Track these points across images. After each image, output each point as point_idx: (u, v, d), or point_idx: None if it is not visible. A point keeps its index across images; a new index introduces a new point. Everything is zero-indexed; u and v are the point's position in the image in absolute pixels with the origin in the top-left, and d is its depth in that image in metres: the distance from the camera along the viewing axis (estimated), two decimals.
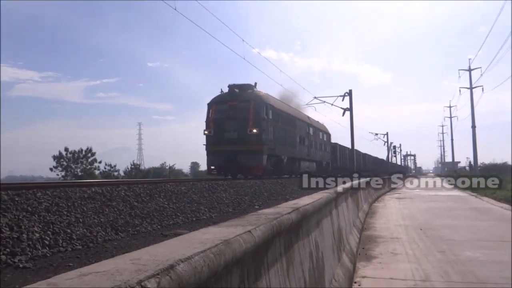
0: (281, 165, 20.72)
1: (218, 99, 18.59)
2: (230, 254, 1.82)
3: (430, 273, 6.44)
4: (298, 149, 23.90)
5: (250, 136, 17.28)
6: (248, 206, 9.43)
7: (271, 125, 18.87)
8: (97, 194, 7.00)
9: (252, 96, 18.35)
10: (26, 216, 5.07)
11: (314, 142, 28.41)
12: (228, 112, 17.85)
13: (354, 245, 7.73)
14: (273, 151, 18.92)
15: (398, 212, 15.24)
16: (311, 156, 27.04)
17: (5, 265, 3.66)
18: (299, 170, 23.61)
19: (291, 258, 3.26)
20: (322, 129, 33.04)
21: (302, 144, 24.68)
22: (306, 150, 25.77)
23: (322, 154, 31.73)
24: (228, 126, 17.59)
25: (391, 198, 21.85)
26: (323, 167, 31.62)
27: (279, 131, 20.38)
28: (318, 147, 30.11)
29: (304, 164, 25.32)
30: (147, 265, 1.30)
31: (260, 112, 18.00)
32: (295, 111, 25.21)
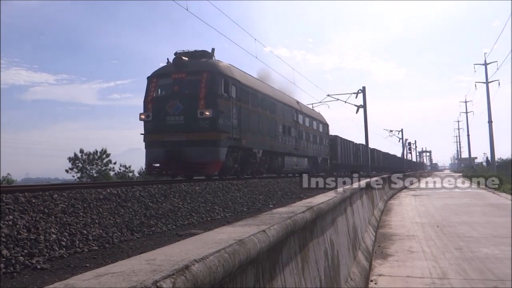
0: (252, 162, 16.27)
1: (160, 72, 14.23)
2: (244, 254, 1.82)
3: (447, 271, 6.36)
4: (281, 141, 19.28)
5: (201, 120, 12.85)
6: (262, 205, 9.43)
7: (234, 106, 14.22)
8: (112, 195, 7.07)
9: (206, 66, 13.76)
10: (43, 218, 5.14)
11: (305, 133, 23.94)
12: (172, 89, 13.52)
13: (369, 243, 7.68)
14: (237, 141, 14.35)
15: (414, 209, 15.09)
16: (300, 151, 22.43)
17: (23, 266, 3.72)
18: (282, 167, 19.87)
19: (306, 257, 3.25)
20: (317, 118, 28.12)
21: (287, 135, 20.14)
22: (293, 143, 21.18)
23: (317, 148, 27.08)
24: (171, 108, 13.15)
25: (406, 195, 21.65)
26: (318, 165, 27.38)
27: (250, 115, 15.69)
28: (311, 140, 25.57)
29: (290, 160, 21.06)
30: (162, 266, 1.30)
31: (217, 87, 13.36)
32: (276, 93, 20.15)
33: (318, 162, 27.61)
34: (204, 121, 12.92)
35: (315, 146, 26.83)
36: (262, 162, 17.51)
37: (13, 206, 5.16)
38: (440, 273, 6.28)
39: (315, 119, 27.36)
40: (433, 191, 23.78)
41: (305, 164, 24.36)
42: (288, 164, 20.82)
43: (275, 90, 20.56)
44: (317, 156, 27.29)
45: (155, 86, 13.96)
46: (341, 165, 35.16)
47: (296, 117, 22.23)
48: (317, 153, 27.17)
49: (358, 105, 29.66)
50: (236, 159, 14.85)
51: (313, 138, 26.43)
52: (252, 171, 16.79)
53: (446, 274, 6.19)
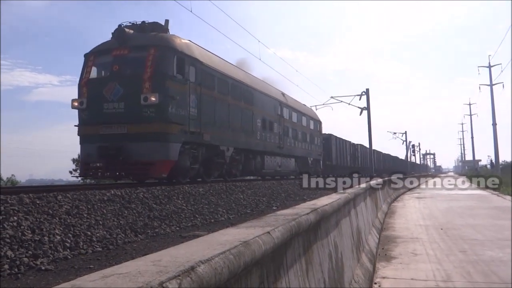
0: (219, 162, 13.66)
1: (100, 48, 11.66)
2: (249, 255, 1.82)
3: (452, 274, 6.34)
4: (260, 138, 16.66)
5: (145, 108, 10.22)
6: (266, 207, 9.45)
7: (193, 92, 11.48)
8: (116, 196, 7.10)
9: (155, 40, 11.08)
10: (47, 219, 5.16)
11: (292, 129, 21.37)
12: (112, 68, 10.86)
13: (373, 246, 7.66)
14: (197, 136, 11.68)
15: (418, 211, 15.04)
16: (286, 149, 20.04)
17: (28, 267, 3.74)
18: (262, 169, 17.55)
19: (310, 259, 3.24)
20: (307, 113, 25.41)
21: (269, 131, 17.68)
22: (277, 140, 18.72)
23: (307, 147, 24.41)
24: (110, 92, 10.49)
25: (410, 198, 21.59)
26: (308, 166, 24.71)
27: (216, 105, 12.98)
28: (299, 137, 22.91)
29: (272, 160, 18.64)
30: (168, 267, 1.30)
31: (167, 66, 10.67)
32: (254, 81, 17.31)
33: (308, 163, 25.01)
34: (149, 108, 10.27)
35: (305, 145, 24.19)
36: (235, 163, 14.99)
37: (18, 207, 5.18)
38: (444, 275, 6.25)
39: (304, 114, 24.67)
40: (437, 193, 23.72)
41: (292, 165, 22.04)
42: (270, 165, 18.44)
43: (253, 78, 17.54)
44: (307, 156, 24.79)
45: (91, 65, 11.27)
46: (336, 167, 32.53)
47: (280, 110, 19.65)
48: (307, 152, 24.60)
49: (362, 107, 29.63)
50: (197, 159, 12.18)
51: (302, 135, 23.73)
52: (221, 173, 14.20)
53: (450, 277, 6.17)
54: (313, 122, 26.55)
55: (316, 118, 27.91)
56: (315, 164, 26.56)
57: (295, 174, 22.50)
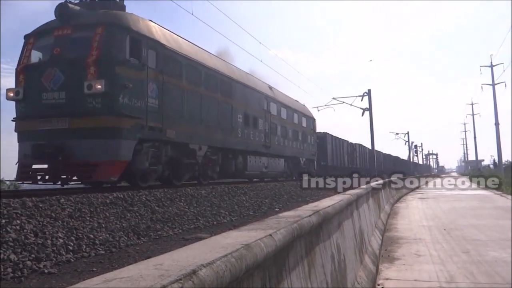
0: (189, 163, 11.93)
1: (41, 28, 9.95)
2: (251, 258, 1.82)
3: (455, 274, 6.32)
4: (242, 135, 15.10)
5: (90, 97, 8.69)
6: (268, 209, 9.46)
7: (153, 81, 9.74)
8: (118, 199, 7.12)
9: (104, 18, 9.38)
10: (50, 222, 5.18)
11: (280, 126, 19.72)
12: (53, 51, 9.14)
13: (376, 247, 7.64)
14: (158, 132, 9.93)
15: (421, 212, 15.01)
16: (273, 149, 18.36)
17: (31, 271, 3.75)
18: (244, 170, 15.88)
19: (313, 261, 3.24)
20: (299, 110, 23.55)
21: (252, 128, 16.16)
22: (262, 138, 17.14)
23: (298, 146, 22.71)
24: (49, 80, 8.88)
25: (413, 198, 21.55)
26: (300, 167, 22.92)
27: (184, 96, 11.16)
28: (290, 136, 21.18)
29: (256, 161, 16.82)
30: (170, 270, 1.31)
31: (117, 48, 9.06)
32: (235, 71, 15.58)
33: (300, 164, 23.14)
34: (94, 99, 8.67)
35: (296, 144, 22.39)
36: (210, 163, 13.26)
37: (21, 211, 5.20)
38: (447, 276, 6.23)
39: (296, 110, 22.89)
40: (440, 194, 23.66)
41: (281, 166, 20.10)
42: (254, 166, 16.60)
43: (233, 68, 15.75)
44: (299, 157, 23.01)
45: (31, 48, 9.60)
46: (332, 168, 30.40)
47: (267, 105, 18.05)
48: (298, 152, 22.85)
49: (364, 108, 29.57)
50: (159, 159, 10.33)
51: (293, 133, 21.93)
52: (193, 175, 12.51)
53: (453, 278, 6.15)
54: (305, 119, 24.66)
55: (309, 115, 26.05)
56: (308, 164, 24.68)
57: (285, 175, 21.07)
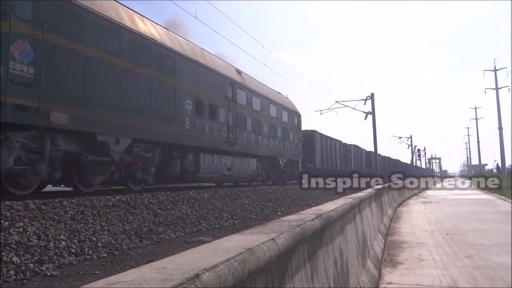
0: (101, 162, 9.06)
1: None
2: (254, 262, 1.82)
3: (458, 279, 6.29)
4: (191, 127, 12.16)
5: None
6: (270, 212, 9.45)
7: (25, 37, 7.12)
8: (121, 202, 7.13)
9: None
10: (53, 225, 5.19)
11: (252, 119, 16.74)
12: None
13: (379, 251, 7.62)
14: (35, 115, 7.21)
15: (423, 216, 14.95)
16: (240, 146, 15.44)
17: (33, 273, 3.75)
18: (196, 172, 12.76)
19: (315, 265, 3.23)
20: (278, 102, 20.23)
21: (209, 119, 13.24)
22: (224, 133, 14.16)
23: (277, 144, 19.45)
24: None
25: (416, 203, 21.49)
26: (279, 169, 20.13)
27: (89, 68, 8.47)
28: (265, 131, 18.03)
29: (214, 161, 13.71)
30: (172, 274, 1.31)
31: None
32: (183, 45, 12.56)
33: (280, 166, 19.99)
34: None
35: (274, 141, 19.16)
36: (139, 162, 10.36)
37: (23, 213, 5.21)
38: (450, 281, 6.20)
39: (274, 102, 19.59)
40: (443, 198, 23.59)
41: (252, 167, 16.86)
42: (211, 167, 13.45)
43: (179, 40, 12.68)
44: (278, 157, 19.78)
45: None
46: (322, 171, 26.40)
47: (232, 92, 15.04)
48: (277, 151, 19.62)
49: (367, 112, 29.51)
50: (42, 155, 7.48)
51: (270, 129, 18.74)
52: (110, 178, 9.71)
53: (456, 283, 6.12)
54: (287, 114, 21.24)
55: (293, 109, 22.58)
56: (290, 167, 21.54)
57: (260, 179, 18.64)
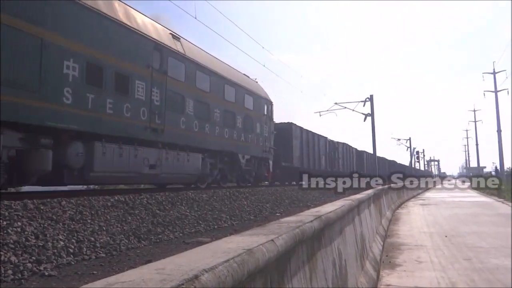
0: None
1: None
2: (253, 263, 1.82)
3: (456, 281, 6.29)
4: (77, 103, 8.83)
5: None
6: (269, 213, 9.44)
7: None
8: (120, 202, 7.12)
9: None
10: (51, 225, 5.18)
11: (194, 101, 13.05)
12: None
13: (377, 253, 7.62)
14: None
15: (422, 218, 14.96)
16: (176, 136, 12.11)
17: (31, 273, 3.74)
18: (89, 171, 9.21)
19: (314, 266, 3.23)
20: (238, 83, 16.41)
21: (113, 93, 9.87)
22: (142, 116, 10.70)
23: (236, 137, 15.78)
24: None
25: (415, 205, 21.50)
26: (240, 168, 16.34)
27: None
28: (216, 119, 14.37)
29: (123, 154, 10.05)
30: (171, 275, 1.30)
31: None
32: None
33: (240, 163, 16.19)
34: None
35: (232, 132, 15.48)
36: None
37: (22, 213, 5.20)
38: (448, 283, 6.21)
39: (232, 83, 15.82)
40: (441, 200, 23.60)
41: (194, 165, 12.90)
42: (117, 163, 9.79)
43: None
44: (238, 152, 15.97)
45: None
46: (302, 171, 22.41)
47: (161, 62, 11.58)
48: (236, 146, 15.85)
49: (366, 114, 29.47)
50: None
51: (226, 117, 15.07)
52: None
53: (454, 285, 6.13)
54: (253, 100, 17.51)
55: (261, 95, 18.74)
56: (256, 165, 17.91)
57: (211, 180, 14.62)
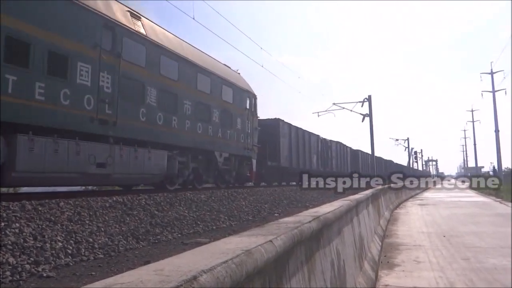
0: None
1: None
2: (252, 264, 1.82)
3: (455, 281, 6.30)
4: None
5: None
6: (268, 214, 9.43)
7: None
8: (118, 203, 7.11)
9: None
10: (49, 226, 5.17)
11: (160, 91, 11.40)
12: None
13: (376, 253, 7.63)
14: None
15: (420, 218, 14.99)
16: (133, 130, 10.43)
17: (29, 274, 3.73)
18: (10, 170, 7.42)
19: (313, 267, 3.23)
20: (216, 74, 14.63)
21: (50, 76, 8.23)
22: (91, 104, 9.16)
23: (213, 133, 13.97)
24: None
25: (413, 205, 21.53)
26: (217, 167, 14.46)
27: None
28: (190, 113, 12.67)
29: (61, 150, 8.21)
30: (170, 276, 1.30)
31: None
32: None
33: (218, 162, 14.29)
34: None
35: (207, 128, 13.52)
36: None
37: (20, 214, 5.19)
38: (447, 283, 6.22)
39: (208, 72, 13.89)
40: (440, 200, 23.65)
41: (157, 164, 11.01)
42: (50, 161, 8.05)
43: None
44: (214, 150, 14.06)
45: None
46: (290, 170, 22.16)
47: (113, 42, 9.89)
48: (212, 142, 13.92)
49: (364, 114, 29.46)
50: None
51: (199, 110, 13.15)
52: None
53: (453, 285, 6.14)
54: (232, 92, 15.65)
55: (243, 87, 16.88)
56: (237, 164, 16.00)
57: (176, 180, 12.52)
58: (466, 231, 11.15)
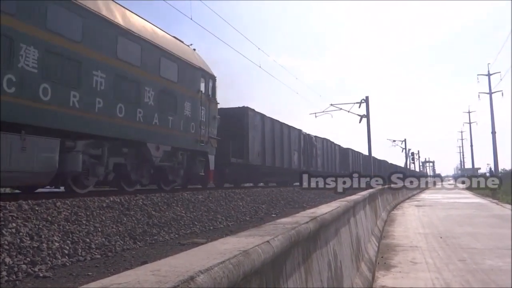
0: None
1: None
2: (249, 265, 1.82)
3: (451, 282, 6.32)
4: None
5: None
6: (265, 214, 9.44)
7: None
8: (115, 203, 7.10)
9: None
10: (46, 226, 5.16)
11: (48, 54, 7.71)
12: None
13: (372, 254, 7.64)
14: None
15: (417, 219, 15.01)
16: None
17: (26, 274, 3.72)
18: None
19: (310, 268, 3.24)
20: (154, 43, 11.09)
21: None
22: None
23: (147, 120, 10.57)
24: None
25: (410, 206, 21.57)
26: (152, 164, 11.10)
27: None
28: (106, 90, 9.21)
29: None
30: (167, 277, 1.30)
31: None
32: None
33: (152, 158, 10.95)
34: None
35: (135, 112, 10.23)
36: None
37: (16, 214, 5.18)
38: (443, 284, 6.23)
39: (136, 37, 10.38)
40: (436, 201, 23.71)
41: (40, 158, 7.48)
42: None
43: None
44: (147, 141, 10.75)
45: None
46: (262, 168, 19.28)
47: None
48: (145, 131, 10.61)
49: (361, 115, 29.49)
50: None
51: (121, 85, 9.77)
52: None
53: (449, 285, 6.16)
54: (177, 68, 12.19)
55: (194, 63, 13.31)
56: (185, 161, 12.80)
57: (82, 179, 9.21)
58: (462, 232, 11.18)
